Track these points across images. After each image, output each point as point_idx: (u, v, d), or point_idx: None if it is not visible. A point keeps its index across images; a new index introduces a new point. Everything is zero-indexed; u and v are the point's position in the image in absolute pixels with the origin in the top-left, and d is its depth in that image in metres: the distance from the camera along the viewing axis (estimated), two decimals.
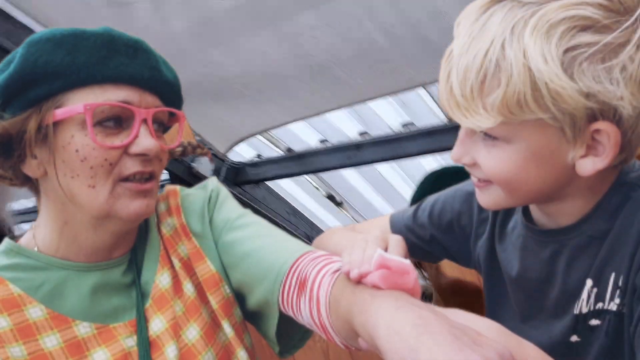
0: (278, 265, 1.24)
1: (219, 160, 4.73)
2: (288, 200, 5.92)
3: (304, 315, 1.17)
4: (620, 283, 1.07)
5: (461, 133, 1.13)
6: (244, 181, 5.06)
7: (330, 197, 5.79)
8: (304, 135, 4.52)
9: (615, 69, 0.94)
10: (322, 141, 4.53)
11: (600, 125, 0.98)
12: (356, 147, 4.11)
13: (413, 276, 0.99)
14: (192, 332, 1.32)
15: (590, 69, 0.94)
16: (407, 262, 1.00)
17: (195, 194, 1.48)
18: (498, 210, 1.34)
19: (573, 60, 0.94)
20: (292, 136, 4.54)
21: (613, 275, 1.08)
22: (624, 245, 1.07)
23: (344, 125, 4.26)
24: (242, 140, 4.25)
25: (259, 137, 4.33)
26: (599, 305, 1.11)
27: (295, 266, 1.22)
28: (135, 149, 1.22)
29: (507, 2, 1.00)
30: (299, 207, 6.04)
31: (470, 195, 1.40)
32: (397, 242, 1.11)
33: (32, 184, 1.30)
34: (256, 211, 5.61)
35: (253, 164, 4.89)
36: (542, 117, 0.98)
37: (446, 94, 1.05)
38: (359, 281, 1.01)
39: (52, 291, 1.25)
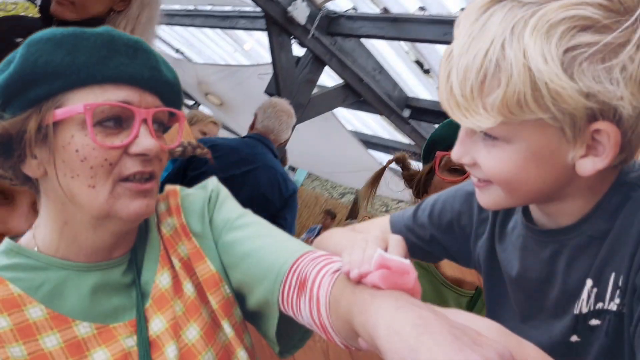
0: (278, 265, 1.25)
1: (315, 7, 4.76)
2: (376, 56, 5.94)
3: (304, 315, 1.17)
4: (620, 283, 1.07)
5: (461, 133, 1.13)
6: (336, 33, 5.11)
7: (418, 63, 5.80)
8: None
9: (615, 69, 0.94)
10: (421, 8, 4.47)
11: (600, 125, 0.98)
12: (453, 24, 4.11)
13: (413, 276, 0.99)
14: (192, 332, 1.32)
15: (590, 69, 0.94)
16: (407, 262, 1.00)
17: (195, 194, 1.48)
18: (498, 210, 1.34)
19: (573, 60, 0.94)
20: None
21: (613, 275, 1.08)
22: (624, 245, 1.07)
23: None
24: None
25: None
26: (599, 305, 1.11)
27: (295, 266, 1.22)
28: (135, 149, 1.22)
29: (507, 2, 1.00)
30: (385, 65, 6.06)
31: (470, 195, 1.40)
32: (397, 242, 1.12)
33: (32, 184, 1.30)
34: (342, 64, 5.71)
35: (348, 17, 4.94)
36: (542, 117, 0.98)
37: (446, 93, 1.05)
38: (359, 281, 1.01)
39: (52, 291, 1.25)
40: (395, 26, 4.58)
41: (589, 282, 1.12)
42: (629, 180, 1.10)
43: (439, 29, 4.19)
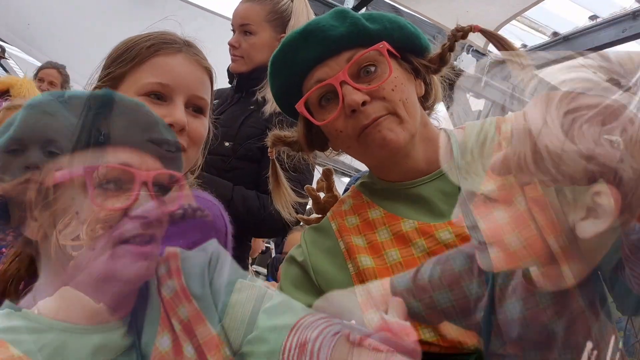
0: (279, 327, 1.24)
1: (481, 55, 4.61)
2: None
3: None
4: (620, 345, 1.06)
5: (461, 196, 1.13)
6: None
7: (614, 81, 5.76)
8: (568, 14, 4.30)
9: (616, 132, 0.95)
10: (592, 17, 4.32)
11: (601, 187, 0.98)
12: (633, 16, 3.84)
13: (413, 338, 0.99)
14: None
15: (591, 131, 0.95)
16: (408, 325, 1.00)
17: (195, 257, 1.47)
18: (498, 272, 1.33)
19: (573, 123, 0.95)
20: (554, 18, 4.33)
21: (613, 338, 1.08)
22: (623, 309, 1.06)
23: None
24: (498, 28, 4.11)
25: (516, 24, 4.16)
26: None
27: (295, 328, 1.21)
28: (135, 211, 1.22)
29: (507, 64, 1.01)
30: None
31: (470, 258, 1.39)
32: (397, 304, 1.11)
33: (33, 246, 1.30)
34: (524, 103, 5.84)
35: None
36: (543, 179, 0.98)
37: (446, 156, 1.06)
38: (359, 343, 1.01)
39: (52, 353, 1.25)
40: (568, 45, 4.40)
41: (589, 345, 1.11)
42: None
43: (615, 29, 4.01)
